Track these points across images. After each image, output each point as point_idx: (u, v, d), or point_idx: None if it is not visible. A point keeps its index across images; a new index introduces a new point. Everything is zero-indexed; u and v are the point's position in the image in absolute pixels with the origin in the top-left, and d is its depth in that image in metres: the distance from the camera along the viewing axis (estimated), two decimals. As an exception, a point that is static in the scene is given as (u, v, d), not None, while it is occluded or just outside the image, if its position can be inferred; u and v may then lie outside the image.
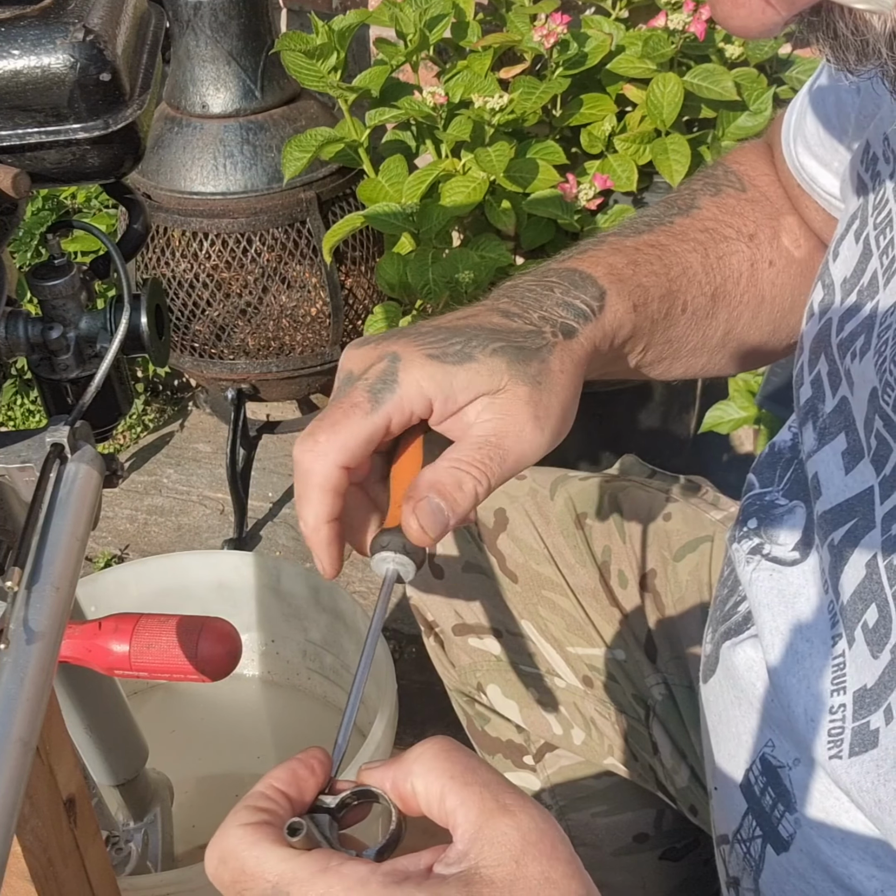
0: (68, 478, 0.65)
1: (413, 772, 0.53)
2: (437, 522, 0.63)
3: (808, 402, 0.76)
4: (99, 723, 1.03)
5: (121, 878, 0.99)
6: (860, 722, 0.67)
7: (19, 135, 0.63)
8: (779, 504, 0.79)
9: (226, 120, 1.82)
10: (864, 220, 0.75)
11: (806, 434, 0.76)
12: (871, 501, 0.68)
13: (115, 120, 0.64)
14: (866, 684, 0.67)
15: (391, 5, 1.73)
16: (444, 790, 0.52)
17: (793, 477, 0.79)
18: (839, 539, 0.69)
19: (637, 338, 0.79)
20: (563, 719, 1.07)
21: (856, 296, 0.73)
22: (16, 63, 0.62)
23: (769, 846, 0.76)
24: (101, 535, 2.10)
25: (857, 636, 0.67)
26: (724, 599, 0.83)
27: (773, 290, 0.88)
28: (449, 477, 0.64)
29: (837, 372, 0.73)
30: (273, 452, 2.26)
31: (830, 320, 0.75)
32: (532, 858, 0.49)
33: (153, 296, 0.72)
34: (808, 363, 0.77)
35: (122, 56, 0.64)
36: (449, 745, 0.53)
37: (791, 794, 0.74)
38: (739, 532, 0.80)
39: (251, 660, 1.46)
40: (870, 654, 0.66)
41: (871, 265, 0.72)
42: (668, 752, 1.01)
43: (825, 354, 0.75)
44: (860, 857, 0.70)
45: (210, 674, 0.79)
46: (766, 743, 0.76)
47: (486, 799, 0.51)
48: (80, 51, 0.62)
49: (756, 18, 0.49)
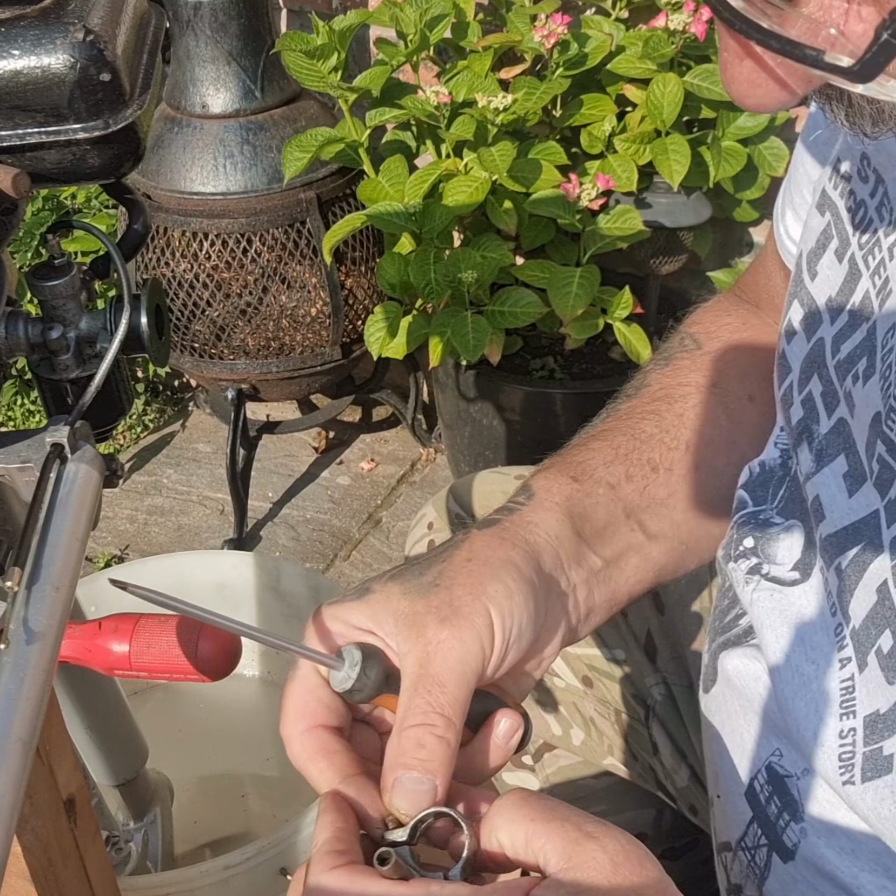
0: (68, 478, 0.65)
1: (495, 825, 0.54)
2: (424, 795, 0.58)
3: (801, 422, 0.75)
4: (99, 723, 1.03)
5: (121, 878, 0.99)
6: (872, 747, 0.66)
7: (19, 135, 0.63)
8: (774, 523, 0.78)
9: (226, 120, 1.82)
10: (845, 240, 0.73)
11: (802, 455, 0.74)
12: (878, 525, 0.67)
13: (115, 120, 0.64)
14: (879, 709, 0.66)
15: (391, 5, 1.73)
16: (527, 834, 0.53)
17: (786, 495, 0.78)
18: (847, 563, 0.68)
19: (602, 508, 0.75)
20: (562, 719, 1.07)
21: (847, 316, 0.72)
22: (16, 63, 0.62)
23: (775, 854, 0.76)
24: (101, 535, 2.10)
25: (871, 661, 0.67)
26: (724, 610, 0.82)
27: (768, 420, 0.83)
28: (406, 742, 0.59)
29: (835, 393, 0.72)
30: (273, 452, 2.26)
31: (822, 340, 0.74)
32: (623, 878, 0.51)
33: (153, 296, 0.72)
34: (798, 383, 0.76)
35: (122, 56, 0.64)
36: (524, 793, 0.55)
37: (798, 804, 0.73)
38: (735, 551, 0.79)
39: (251, 660, 1.46)
40: (884, 679, 0.65)
41: (860, 285, 0.71)
42: (668, 751, 1.01)
43: (819, 375, 0.74)
44: (871, 868, 0.70)
45: (210, 674, 0.79)
46: (772, 752, 0.76)
47: (569, 830, 0.52)
48: (80, 51, 0.62)
49: (773, 97, 0.50)
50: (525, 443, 1.92)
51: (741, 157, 1.74)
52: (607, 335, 1.88)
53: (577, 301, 1.74)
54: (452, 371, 1.92)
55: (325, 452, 2.28)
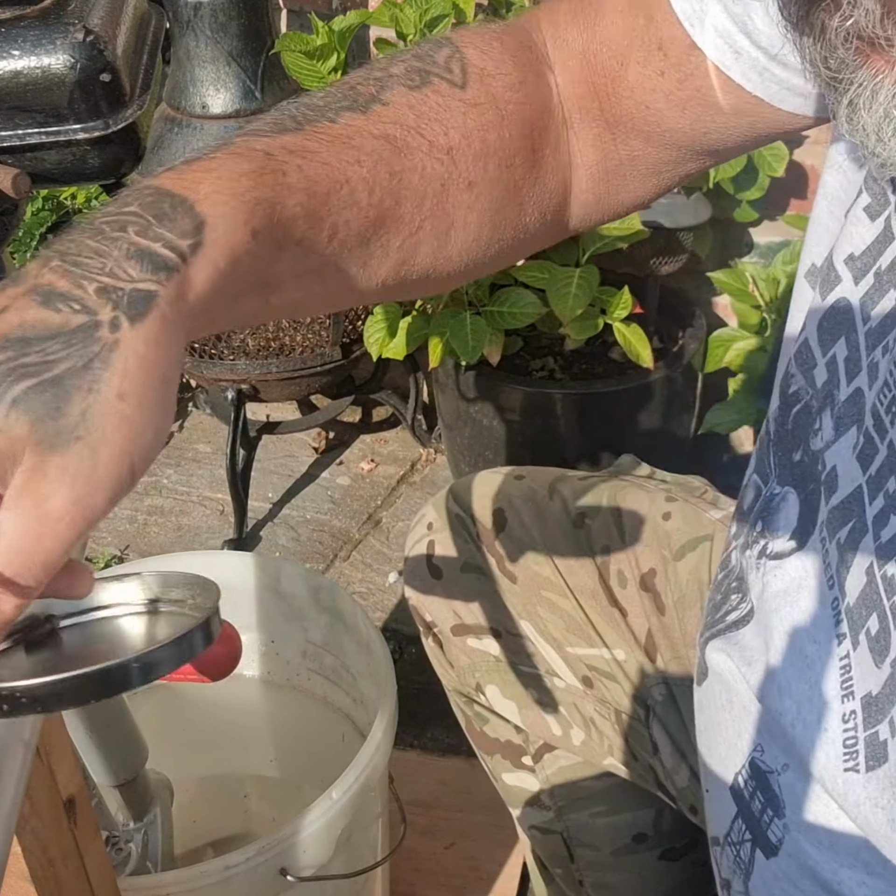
0: (68, 478, 0.64)
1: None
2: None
3: (825, 386, 0.71)
4: (99, 723, 1.03)
5: (121, 879, 0.99)
6: (870, 731, 0.66)
7: (19, 135, 0.64)
8: (775, 494, 0.77)
9: (226, 120, 1.82)
10: (882, 198, 0.69)
11: (825, 421, 0.71)
12: (862, 501, 0.67)
13: (115, 120, 0.64)
14: (871, 691, 0.66)
15: (391, 6, 1.73)
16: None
17: (776, 461, 0.76)
18: (844, 539, 0.68)
19: (259, 273, 0.58)
20: (562, 720, 1.07)
21: (873, 279, 0.68)
22: (16, 63, 0.62)
23: (758, 850, 0.75)
24: (101, 536, 2.10)
25: (862, 640, 0.67)
26: (717, 605, 0.82)
27: (470, 216, 0.70)
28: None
29: (858, 361, 0.69)
30: (273, 453, 2.26)
31: (848, 303, 0.70)
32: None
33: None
34: (820, 343, 0.72)
35: (122, 56, 0.64)
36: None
37: (780, 799, 0.73)
38: (750, 538, 0.78)
39: (251, 660, 1.46)
40: (873, 662, 0.66)
41: (891, 250, 0.68)
42: (669, 752, 1.01)
43: (847, 339, 0.70)
44: (850, 864, 0.69)
45: (210, 674, 0.79)
46: (755, 747, 0.75)
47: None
48: (81, 51, 0.62)
49: None
50: (525, 443, 1.92)
51: (741, 158, 1.74)
52: (607, 335, 1.88)
53: (577, 301, 1.74)
54: (452, 371, 1.92)
55: (325, 453, 2.28)
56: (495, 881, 1.48)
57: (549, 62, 0.75)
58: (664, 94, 0.72)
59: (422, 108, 0.67)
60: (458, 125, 0.68)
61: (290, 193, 0.58)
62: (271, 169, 0.57)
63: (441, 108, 0.67)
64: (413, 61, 0.69)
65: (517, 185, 0.72)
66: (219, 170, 0.56)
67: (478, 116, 0.69)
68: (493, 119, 0.69)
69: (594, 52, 0.74)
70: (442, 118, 0.67)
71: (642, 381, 1.85)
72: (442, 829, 1.53)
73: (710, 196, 1.81)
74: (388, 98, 0.66)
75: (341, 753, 1.31)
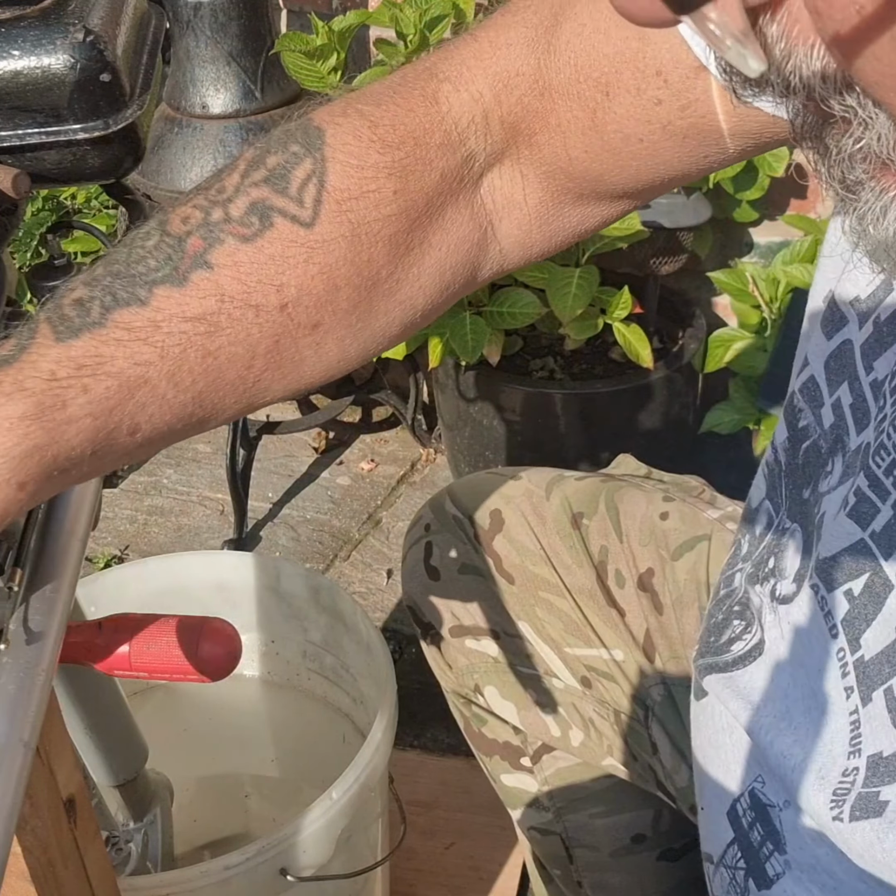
0: (68, 478, 0.64)
1: None
2: None
3: (833, 429, 0.69)
4: (99, 723, 1.03)
5: (121, 879, 0.99)
6: (870, 790, 0.64)
7: (19, 135, 0.64)
8: (786, 528, 0.74)
9: (226, 120, 1.82)
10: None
11: (836, 465, 0.69)
12: (873, 555, 0.64)
13: (115, 120, 0.64)
14: (883, 751, 0.64)
15: (391, 6, 1.73)
16: None
17: (787, 493, 0.75)
18: (859, 591, 0.65)
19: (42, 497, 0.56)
20: (561, 720, 1.07)
21: (872, 327, 0.66)
22: (16, 64, 0.62)
23: (751, 880, 0.74)
24: (101, 536, 2.10)
25: (876, 698, 0.64)
26: (718, 626, 0.79)
27: (325, 346, 0.64)
28: None
29: (866, 411, 0.66)
30: (273, 453, 2.26)
31: (851, 346, 0.68)
32: None
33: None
34: (827, 384, 0.70)
35: (122, 56, 0.64)
36: None
37: (781, 836, 0.71)
38: (762, 571, 0.76)
39: (251, 660, 1.46)
40: (891, 721, 0.63)
41: (891, 298, 0.65)
42: (668, 752, 1.01)
43: (850, 386, 0.68)
44: None
45: (210, 674, 0.79)
46: (755, 777, 0.74)
47: None
48: (80, 51, 0.62)
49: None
50: (525, 443, 1.92)
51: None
52: (607, 335, 1.88)
53: (576, 301, 1.74)
54: (452, 371, 1.92)
55: (324, 453, 2.28)
56: (495, 881, 1.48)
57: (470, 108, 0.65)
58: (661, 125, 0.64)
59: (251, 266, 0.60)
60: (297, 275, 0.61)
61: (69, 425, 0.54)
62: (49, 405, 0.54)
63: (277, 260, 0.60)
64: (263, 187, 0.61)
65: (390, 291, 0.65)
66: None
67: (325, 256, 0.61)
68: (346, 252, 0.62)
69: (560, 84, 0.64)
70: (275, 274, 0.60)
71: (642, 381, 1.85)
72: (442, 829, 1.53)
73: (710, 196, 1.81)
74: (214, 260, 0.59)
75: (341, 753, 1.31)
